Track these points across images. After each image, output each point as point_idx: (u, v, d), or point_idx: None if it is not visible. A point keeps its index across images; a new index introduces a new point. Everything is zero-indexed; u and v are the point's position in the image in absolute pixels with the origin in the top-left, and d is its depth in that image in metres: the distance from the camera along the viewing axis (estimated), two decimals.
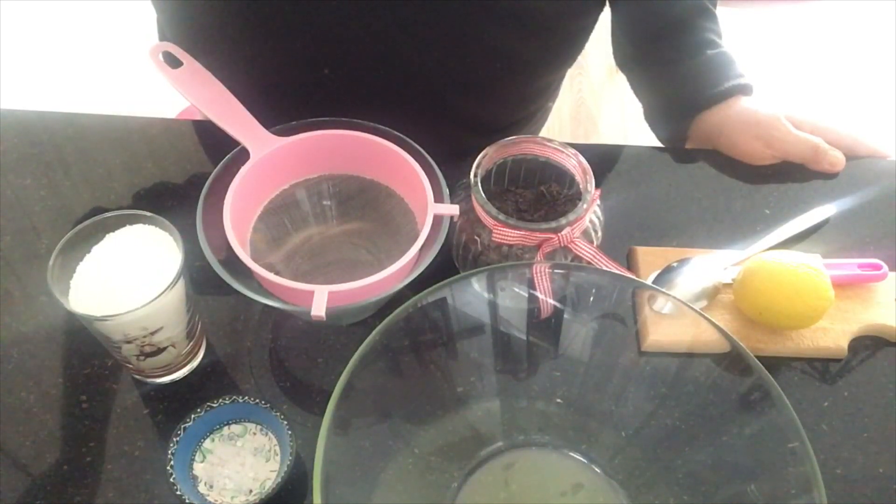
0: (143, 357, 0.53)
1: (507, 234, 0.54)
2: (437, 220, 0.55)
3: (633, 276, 0.57)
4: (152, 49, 0.61)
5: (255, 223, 0.60)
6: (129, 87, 1.73)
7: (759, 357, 0.47)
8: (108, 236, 0.52)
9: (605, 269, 0.55)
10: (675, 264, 0.63)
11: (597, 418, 0.55)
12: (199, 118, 0.70)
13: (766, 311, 0.58)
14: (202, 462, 0.52)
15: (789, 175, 0.72)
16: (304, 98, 0.74)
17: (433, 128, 0.62)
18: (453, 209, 0.56)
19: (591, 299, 0.54)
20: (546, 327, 0.56)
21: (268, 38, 0.71)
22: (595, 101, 1.97)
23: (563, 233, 0.54)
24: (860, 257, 0.64)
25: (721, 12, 0.80)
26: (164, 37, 0.80)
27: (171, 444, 0.50)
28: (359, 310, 0.56)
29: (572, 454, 0.54)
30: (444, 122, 0.78)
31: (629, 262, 0.65)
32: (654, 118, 0.82)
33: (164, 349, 0.53)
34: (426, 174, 0.57)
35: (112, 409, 0.56)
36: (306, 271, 0.61)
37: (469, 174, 0.56)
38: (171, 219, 0.52)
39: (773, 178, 0.72)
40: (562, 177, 0.59)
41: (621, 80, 0.88)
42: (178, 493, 0.48)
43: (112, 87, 1.85)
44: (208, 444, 0.53)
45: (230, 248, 0.53)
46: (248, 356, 0.59)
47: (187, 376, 0.57)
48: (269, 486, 0.49)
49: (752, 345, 0.59)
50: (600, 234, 0.59)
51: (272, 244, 0.61)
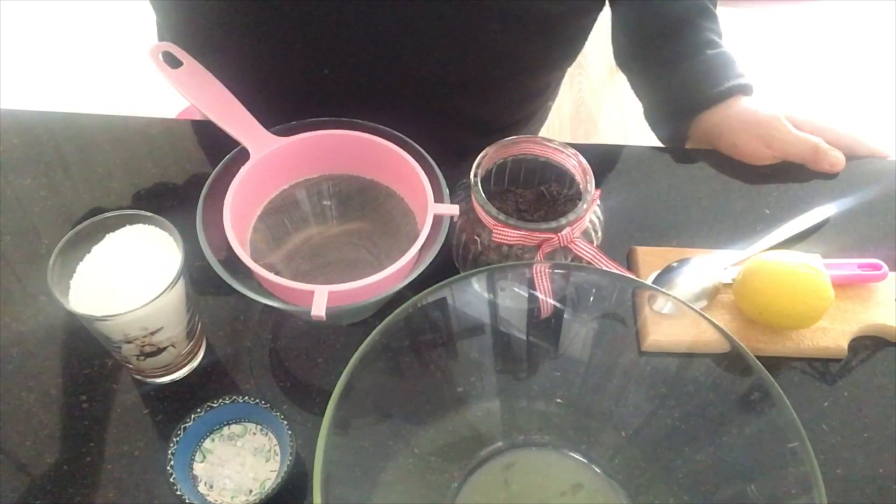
0: (143, 357, 0.53)
1: (507, 234, 0.54)
2: (437, 220, 0.55)
3: (633, 276, 0.57)
4: (152, 49, 0.61)
5: (255, 223, 0.60)
6: (129, 87, 1.73)
7: (759, 357, 0.47)
8: (108, 236, 0.52)
9: (605, 269, 0.55)
10: (675, 264, 0.63)
11: (597, 418, 0.55)
12: (199, 118, 0.70)
13: (766, 311, 0.58)
14: (202, 462, 0.52)
15: (789, 175, 0.72)
16: (304, 98, 0.74)
17: (433, 128, 0.62)
18: (453, 209, 0.56)
19: (591, 299, 0.54)
20: (546, 327, 0.56)
21: (268, 39, 0.70)
22: (595, 101, 1.97)
23: (563, 233, 0.54)
24: (860, 257, 0.64)
25: (721, 12, 0.80)
26: (164, 37, 0.80)
27: (171, 444, 0.50)
28: (359, 310, 0.56)
29: (572, 454, 0.54)
30: (444, 122, 0.78)
31: (629, 262, 0.65)
32: (655, 118, 0.82)
33: (164, 349, 0.53)
34: (426, 174, 0.57)
35: (112, 409, 0.56)
36: (306, 271, 0.61)
37: (469, 174, 0.56)
38: (171, 219, 0.52)
39: (773, 178, 0.72)
40: (562, 177, 0.59)
41: (621, 80, 0.88)
42: (178, 493, 0.48)
43: (112, 87, 1.85)
44: (208, 444, 0.53)
45: (230, 248, 0.53)
46: (248, 356, 0.59)
47: (187, 376, 0.57)
48: (269, 486, 0.49)
49: (752, 345, 0.59)
50: (600, 234, 0.59)
51: (272, 244, 0.61)
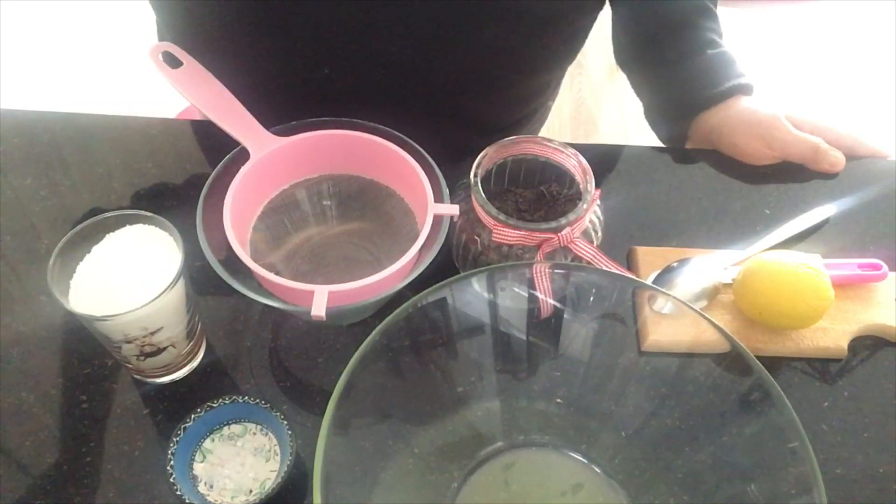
0: (143, 357, 0.53)
1: (507, 234, 0.54)
2: (437, 220, 0.55)
3: (633, 276, 0.57)
4: (152, 49, 0.61)
5: (255, 223, 0.60)
6: (129, 87, 1.73)
7: (759, 357, 0.47)
8: (108, 236, 0.52)
9: (605, 269, 0.55)
10: (675, 264, 0.63)
11: (597, 418, 0.55)
12: (199, 118, 0.70)
13: (766, 311, 0.58)
14: (202, 462, 0.52)
15: (789, 175, 0.72)
16: (304, 98, 0.73)
17: (433, 128, 0.61)
18: (453, 209, 0.56)
19: (591, 299, 0.54)
20: (546, 327, 0.56)
21: (267, 38, 0.70)
22: (595, 101, 1.97)
23: (563, 233, 0.54)
24: (860, 257, 0.64)
25: (721, 12, 0.80)
26: (164, 37, 0.80)
27: (171, 444, 0.50)
28: (359, 310, 0.56)
29: (572, 454, 0.54)
30: (444, 121, 0.78)
31: (629, 262, 0.65)
32: (655, 117, 0.82)
33: (164, 349, 0.53)
34: (426, 174, 0.57)
35: (112, 409, 0.56)
36: (306, 271, 0.61)
37: (469, 174, 0.56)
38: (171, 219, 0.52)
39: (773, 178, 0.72)
40: (562, 177, 0.59)
41: (621, 80, 0.88)
42: (178, 493, 0.48)
43: (112, 87, 1.85)
44: (208, 444, 0.53)
45: (230, 248, 0.53)
46: (248, 356, 0.59)
47: (187, 376, 0.57)
48: (269, 486, 0.49)
49: (752, 345, 0.59)
50: (600, 234, 0.59)
51: (272, 244, 0.61)
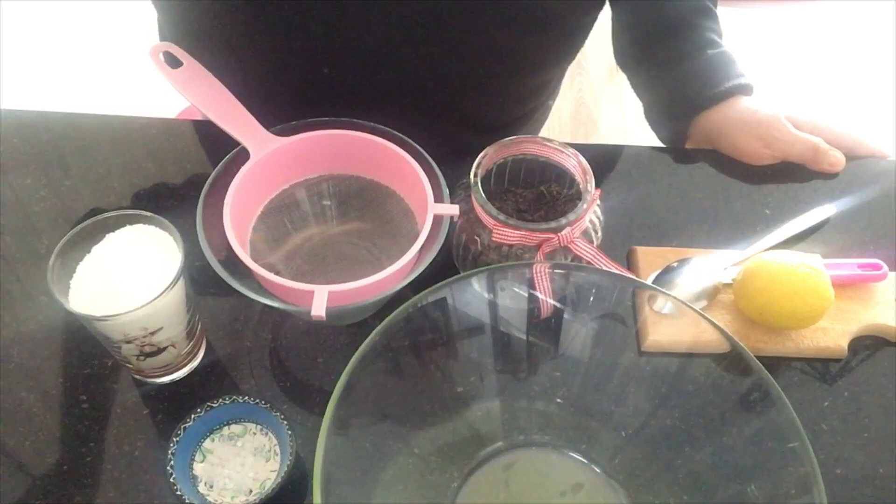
0: (143, 357, 0.53)
1: (507, 234, 0.54)
2: (437, 220, 0.55)
3: (633, 276, 0.57)
4: (152, 49, 0.61)
5: (255, 223, 0.60)
6: (129, 87, 1.73)
7: (759, 357, 0.47)
8: (108, 236, 0.52)
9: (605, 269, 0.55)
10: (675, 264, 0.63)
11: (597, 418, 0.55)
12: (199, 118, 0.70)
13: (766, 311, 0.58)
14: (202, 462, 0.52)
15: (789, 175, 0.72)
16: (304, 98, 0.74)
17: (433, 127, 0.62)
18: (453, 209, 0.56)
19: (591, 299, 0.54)
20: (546, 327, 0.56)
21: (267, 38, 0.71)
22: (595, 101, 1.97)
23: (563, 233, 0.54)
24: (860, 257, 0.64)
25: (721, 12, 0.80)
26: (164, 37, 0.80)
27: (171, 444, 0.50)
28: (359, 310, 0.56)
29: (572, 454, 0.54)
30: (444, 120, 0.78)
31: (629, 262, 0.65)
32: (655, 117, 0.82)
33: (164, 349, 0.53)
34: (426, 174, 0.57)
35: (112, 409, 0.56)
36: (306, 271, 0.61)
37: (469, 174, 0.56)
38: (171, 219, 0.52)
39: (773, 178, 0.72)
40: (562, 177, 0.59)
41: (621, 80, 0.88)
42: (178, 493, 0.48)
43: (112, 87, 1.85)
44: (208, 444, 0.53)
45: (230, 248, 0.53)
46: (248, 356, 0.59)
47: (187, 376, 0.57)
48: (269, 486, 0.49)
49: (752, 345, 0.59)
50: (600, 234, 0.59)
51: (272, 244, 0.61)
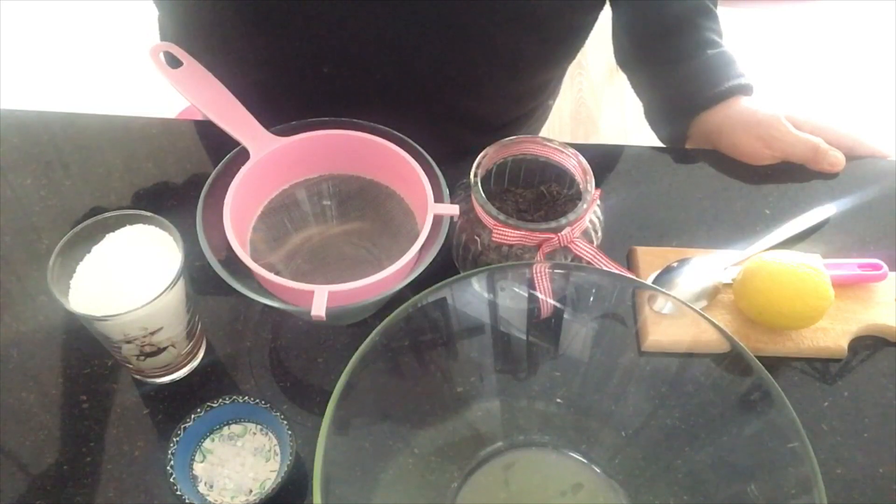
0: (143, 357, 0.53)
1: (507, 234, 0.54)
2: (437, 220, 0.55)
3: (633, 276, 0.57)
4: (152, 49, 0.61)
5: (255, 223, 0.60)
6: (129, 87, 1.73)
7: (759, 357, 0.47)
8: (108, 236, 0.52)
9: (605, 269, 0.55)
10: (675, 264, 0.63)
11: (597, 418, 0.55)
12: (199, 118, 0.70)
13: (766, 311, 0.58)
14: (202, 462, 0.52)
15: (789, 175, 0.72)
16: (304, 97, 0.74)
17: (433, 127, 0.61)
18: (453, 209, 0.56)
19: (591, 299, 0.54)
20: (546, 327, 0.56)
21: (267, 37, 0.71)
22: (595, 101, 1.97)
23: (563, 233, 0.54)
24: (860, 257, 0.64)
25: (721, 12, 0.80)
26: (165, 36, 0.80)
27: (171, 444, 0.50)
28: (359, 310, 0.56)
29: (572, 454, 0.54)
30: (444, 120, 0.78)
31: (629, 262, 0.65)
32: (655, 117, 0.82)
33: (164, 349, 0.53)
34: (426, 174, 0.57)
35: (112, 409, 0.56)
36: (306, 271, 0.61)
37: (469, 174, 0.56)
38: (171, 219, 0.52)
39: (773, 178, 0.72)
40: (562, 177, 0.59)
41: (621, 80, 0.88)
42: (178, 493, 0.48)
43: (112, 87, 1.85)
44: (208, 444, 0.53)
45: (230, 248, 0.53)
46: (248, 356, 0.59)
47: (187, 376, 0.57)
48: (269, 486, 0.49)
49: (752, 345, 0.59)
50: (600, 234, 0.59)
51: (272, 244, 0.61)
